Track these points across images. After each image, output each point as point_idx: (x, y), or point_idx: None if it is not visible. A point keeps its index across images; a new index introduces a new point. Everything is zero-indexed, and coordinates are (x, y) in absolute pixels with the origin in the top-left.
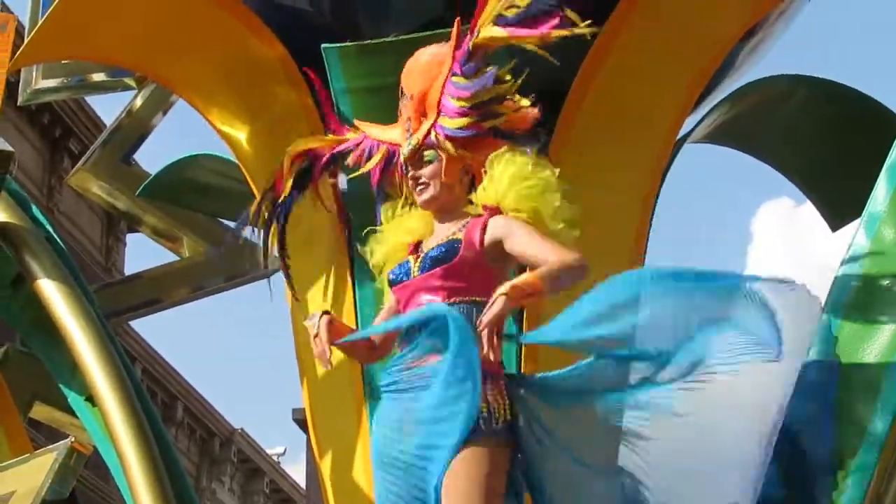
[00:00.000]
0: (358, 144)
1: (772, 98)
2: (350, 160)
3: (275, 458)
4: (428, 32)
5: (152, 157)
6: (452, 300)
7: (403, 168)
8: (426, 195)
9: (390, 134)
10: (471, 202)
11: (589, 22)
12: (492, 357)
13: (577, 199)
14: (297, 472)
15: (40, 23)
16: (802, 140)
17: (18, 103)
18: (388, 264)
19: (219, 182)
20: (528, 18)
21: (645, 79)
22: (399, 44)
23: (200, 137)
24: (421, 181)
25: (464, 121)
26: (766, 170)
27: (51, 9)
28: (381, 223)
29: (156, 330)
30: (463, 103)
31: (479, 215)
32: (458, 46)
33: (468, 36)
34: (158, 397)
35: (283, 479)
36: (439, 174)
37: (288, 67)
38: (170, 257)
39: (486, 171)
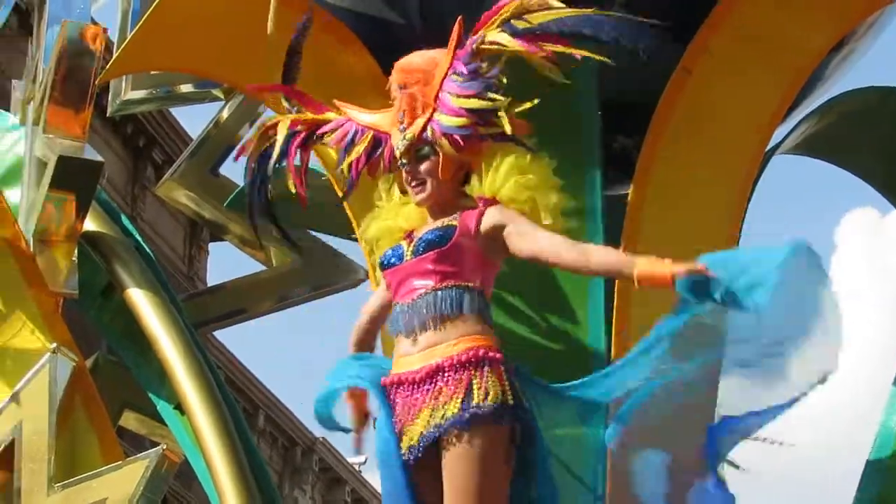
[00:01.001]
0: (340, 126)
1: (861, 109)
2: (331, 141)
3: (356, 466)
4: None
5: (240, 169)
6: (444, 284)
7: (396, 160)
8: (423, 194)
9: (377, 120)
10: (465, 195)
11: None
12: None
13: (665, 212)
14: (378, 481)
15: (131, 34)
16: (892, 151)
17: (108, 114)
18: (382, 242)
19: (308, 193)
20: (537, 33)
21: (734, 91)
22: (490, 57)
23: None
24: (418, 178)
25: (461, 121)
26: (849, 180)
27: (141, 21)
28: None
29: (238, 339)
30: (462, 101)
31: (474, 207)
32: (459, 45)
33: (471, 36)
34: (240, 406)
35: (364, 487)
36: (435, 172)
37: (378, 81)
38: (251, 267)
39: (483, 166)
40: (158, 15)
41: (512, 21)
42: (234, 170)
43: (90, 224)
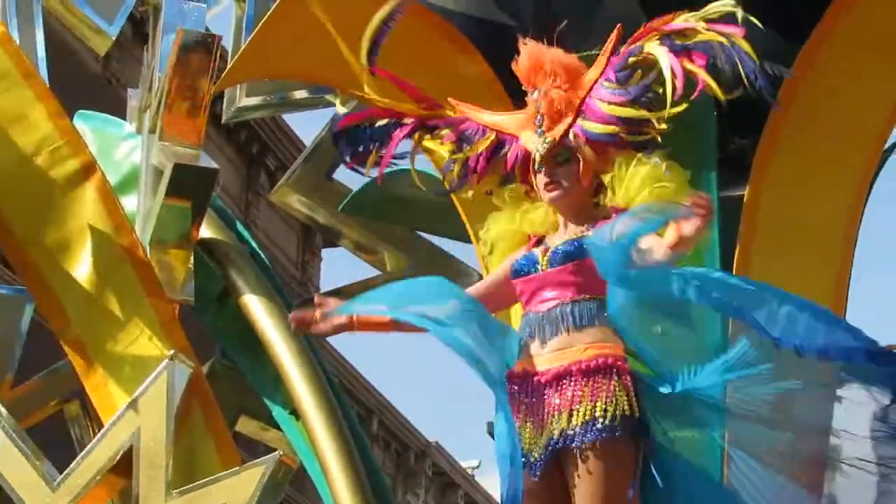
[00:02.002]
0: (457, 124)
1: None
2: (446, 136)
3: (469, 471)
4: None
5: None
6: (580, 296)
7: (526, 162)
8: (556, 193)
9: (501, 121)
10: (597, 205)
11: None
12: None
13: (781, 213)
14: (491, 485)
15: (246, 42)
16: None
17: (223, 121)
18: (502, 245)
19: (420, 196)
20: (695, 51)
21: (849, 89)
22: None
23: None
24: (556, 182)
25: (610, 128)
26: None
27: (257, 29)
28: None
29: (351, 344)
30: (613, 109)
31: (607, 217)
32: (612, 52)
33: (628, 45)
34: (354, 411)
35: (478, 491)
36: (576, 177)
37: (493, 84)
38: (364, 274)
39: (613, 174)
40: (273, 22)
41: (673, 37)
42: (349, 175)
43: (206, 231)
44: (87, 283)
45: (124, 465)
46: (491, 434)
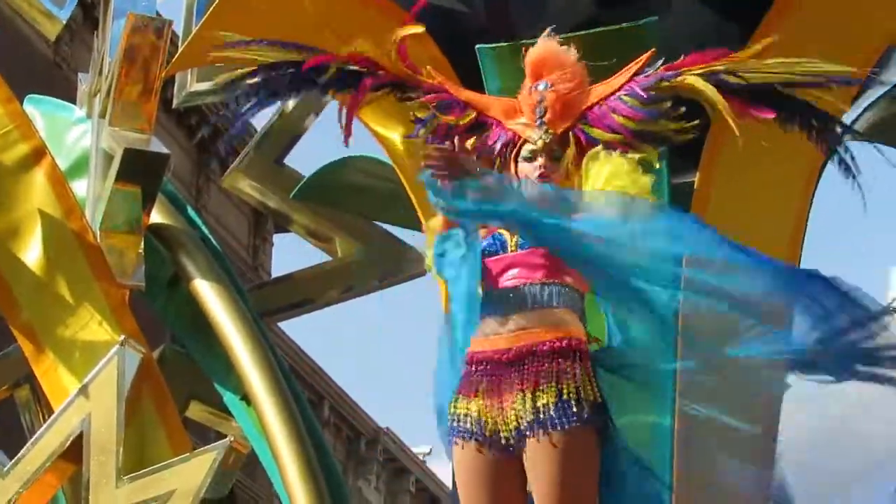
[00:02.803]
0: (435, 91)
1: None
2: (418, 97)
3: (420, 457)
4: (582, 32)
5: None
6: (551, 279)
7: (515, 150)
8: None
9: (485, 102)
10: None
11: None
12: None
13: (732, 197)
14: (442, 471)
15: (196, 27)
16: None
17: (173, 106)
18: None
19: (372, 183)
20: (747, 93)
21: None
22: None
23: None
24: (549, 173)
25: (615, 137)
26: None
27: (208, 13)
28: None
29: (303, 329)
30: (628, 122)
31: None
32: (639, 71)
33: (662, 69)
34: (305, 397)
35: (429, 478)
36: (563, 175)
37: (442, 69)
38: (315, 259)
39: (583, 167)
40: (223, 7)
41: (722, 75)
42: (300, 161)
43: (156, 216)
44: (37, 267)
45: (75, 451)
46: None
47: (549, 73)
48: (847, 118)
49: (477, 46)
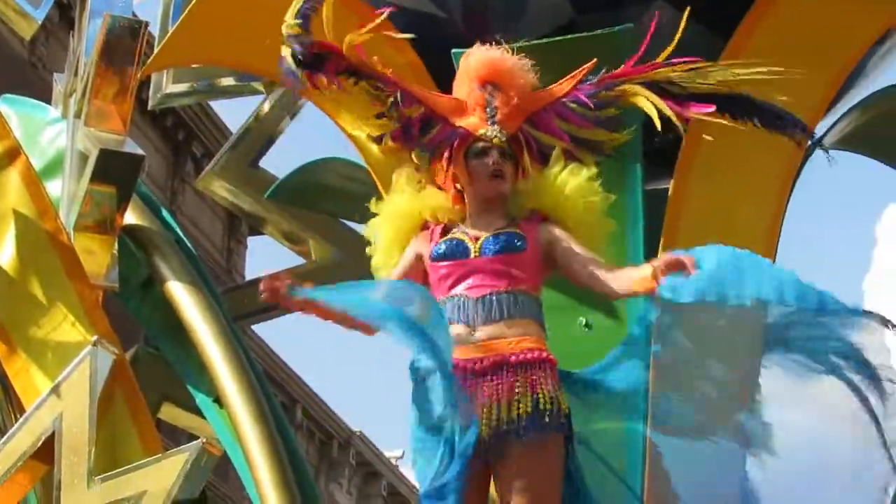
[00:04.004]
0: (391, 83)
1: None
2: (372, 88)
3: (393, 460)
4: (558, 38)
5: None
6: (515, 288)
7: (464, 149)
8: (502, 188)
9: (436, 101)
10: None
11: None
12: None
13: (706, 206)
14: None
15: (173, 28)
16: None
17: (149, 107)
18: (398, 221)
19: (347, 185)
20: (682, 96)
21: (776, 86)
22: (530, 49)
23: (328, 141)
24: (502, 171)
25: (559, 142)
26: (889, 175)
27: (183, 15)
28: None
29: (276, 333)
30: (571, 127)
31: (528, 217)
32: (583, 79)
33: (606, 77)
34: (278, 400)
35: (401, 481)
36: (515, 173)
37: (419, 73)
38: (290, 263)
39: (540, 176)
40: (200, 9)
41: (662, 84)
42: (275, 163)
43: (131, 217)
44: (11, 267)
45: (46, 451)
46: None
47: (496, 76)
48: (821, 127)
49: (453, 51)
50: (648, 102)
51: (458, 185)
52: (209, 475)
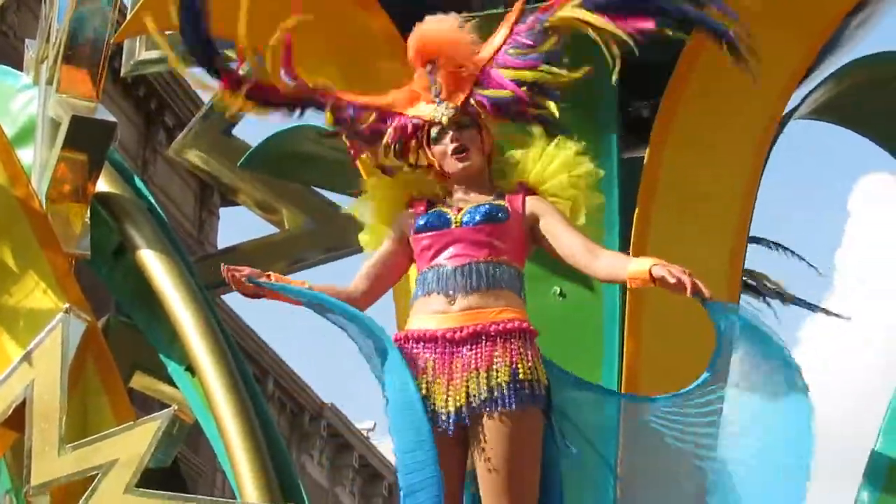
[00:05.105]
0: (332, 102)
1: (878, 76)
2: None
3: (364, 432)
4: (535, 5)
5: (252, 130)
6: (497, 258)
7: (425, 135)
8: (466, 163)
9: (380, 101)
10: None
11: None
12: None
13: (681, 174)
14: (386, 447)
15: None
16: None
17: (121, 75)
18: (380, 192)
19: (319, 153)
20: (617, 8)
21: (752, 53)
22: (486, 20)
23: None
24: (461, 146)
25: (506, 93)
26: (861, 146)
27: None
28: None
29: (247, 304)
30: (517, 74)
31: (514, 192)
32: (518, 21)
33: (538, 12)
34: (250, 371)
35: (373, 453)
36: (478, 142)
37: (393, 40)
38: (262, 232)
39: (526, 150)
40: None
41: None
42: (248, 131)
43: (103, 185)
44: None
45: (17, 419)
46: None
47: (434, 52)
48: (796, 96)
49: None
50: (587, 21)
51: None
52: (180, 445)
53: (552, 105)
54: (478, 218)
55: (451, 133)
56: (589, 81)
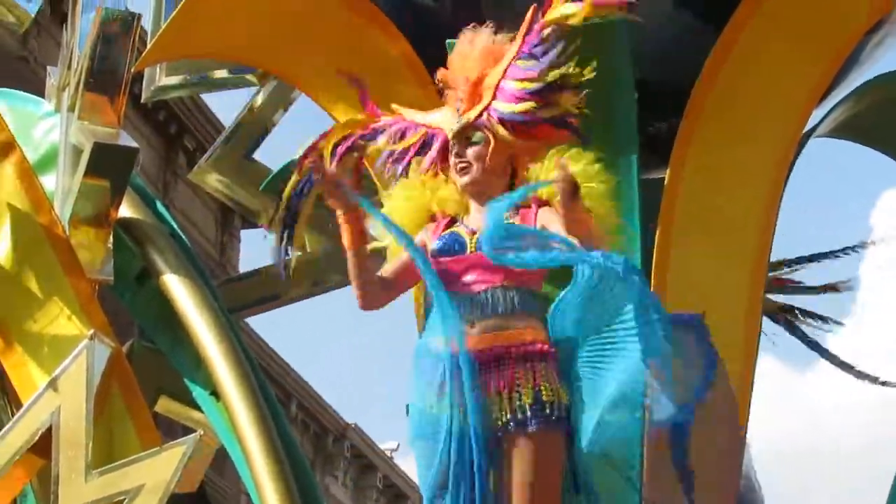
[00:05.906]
0: (392, 125)
1: None
2: (382, 140)
3: (388, 453)
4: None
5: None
6: (511, 283)
7: (449, 149)
8: (467, 178)
9: (432, 117)
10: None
11: None
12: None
13: (701, 195)
14: (410, 467)
15: (166, 21)
16: None
17: (142, 100)
18: (404, 204)
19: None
20: None
21: (771, 73)
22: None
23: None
24: (464, 161)
25: (522, 106)
26: (884, 163)
27: (177, 8)
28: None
29: (270, 325)
30: (525, 85)
31: (528, 206)
32: (528, 31)
33: (539, 20)
34: (273, 393)
35: (397, 474)
36: (484, 157)
37: (412, 63)
38: None
39: (540, 164)
40: (192, 2)
41: None
42: (269, 155)
43: (125, 210)
44: (6, 261)
45: (44, 445)
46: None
47: (466, 69)
48: (815, 115)
49: (448, 41)
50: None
51: None
52: (206, 470)
53: (568, 100)
54: None
55: (457, 147)
56: (607, 101)
